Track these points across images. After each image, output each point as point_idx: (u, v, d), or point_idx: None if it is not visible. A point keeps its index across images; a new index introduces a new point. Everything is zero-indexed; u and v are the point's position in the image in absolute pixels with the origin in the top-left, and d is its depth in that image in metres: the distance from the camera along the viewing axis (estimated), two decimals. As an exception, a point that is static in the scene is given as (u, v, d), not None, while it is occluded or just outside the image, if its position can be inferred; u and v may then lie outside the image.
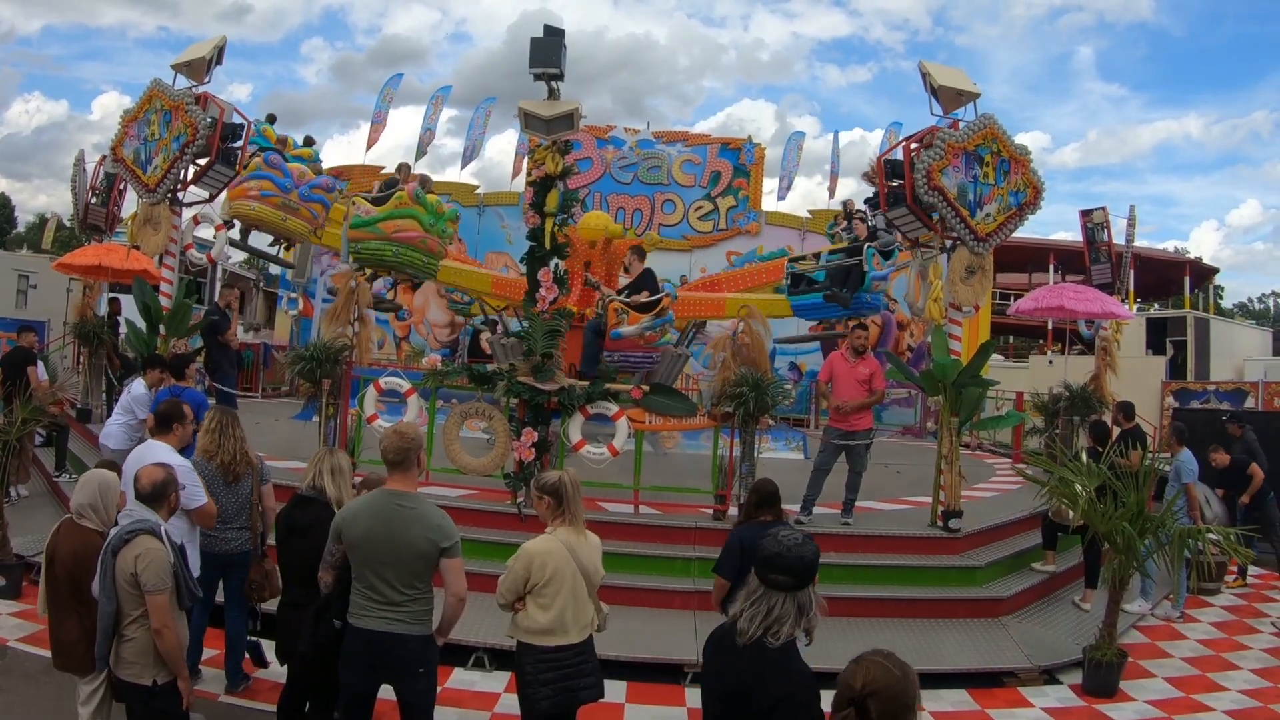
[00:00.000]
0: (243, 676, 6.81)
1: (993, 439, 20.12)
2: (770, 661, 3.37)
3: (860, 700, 2.77)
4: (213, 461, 6.46)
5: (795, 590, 3.42)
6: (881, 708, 2.75)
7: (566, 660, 5.01)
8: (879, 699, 2.76)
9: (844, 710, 2.82)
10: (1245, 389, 21.43)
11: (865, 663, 2.89)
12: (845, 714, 2.81)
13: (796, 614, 3.41)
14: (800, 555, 3.47)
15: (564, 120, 9.49)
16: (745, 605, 3.46)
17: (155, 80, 11.55)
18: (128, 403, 9.44)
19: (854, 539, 9.42)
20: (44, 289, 24.63)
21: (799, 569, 3.45)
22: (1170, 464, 10.67)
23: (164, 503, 4.95)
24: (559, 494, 5.19)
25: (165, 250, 11.47)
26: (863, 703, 2.77)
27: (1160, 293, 40.49)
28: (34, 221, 59.76)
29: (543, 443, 9.26)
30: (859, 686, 2.81)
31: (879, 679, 2.81)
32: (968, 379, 9.76)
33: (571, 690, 5.02)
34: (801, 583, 3.45)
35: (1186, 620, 10.15)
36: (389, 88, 27.21)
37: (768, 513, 6.19)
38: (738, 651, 3.42)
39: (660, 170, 26.02)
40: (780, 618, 3.38)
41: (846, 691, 2.84)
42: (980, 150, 10.21)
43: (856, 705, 2.78)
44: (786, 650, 3.40)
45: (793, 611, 3.40)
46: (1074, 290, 14.73)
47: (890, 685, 2.80)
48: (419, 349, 24.92)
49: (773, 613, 3.38)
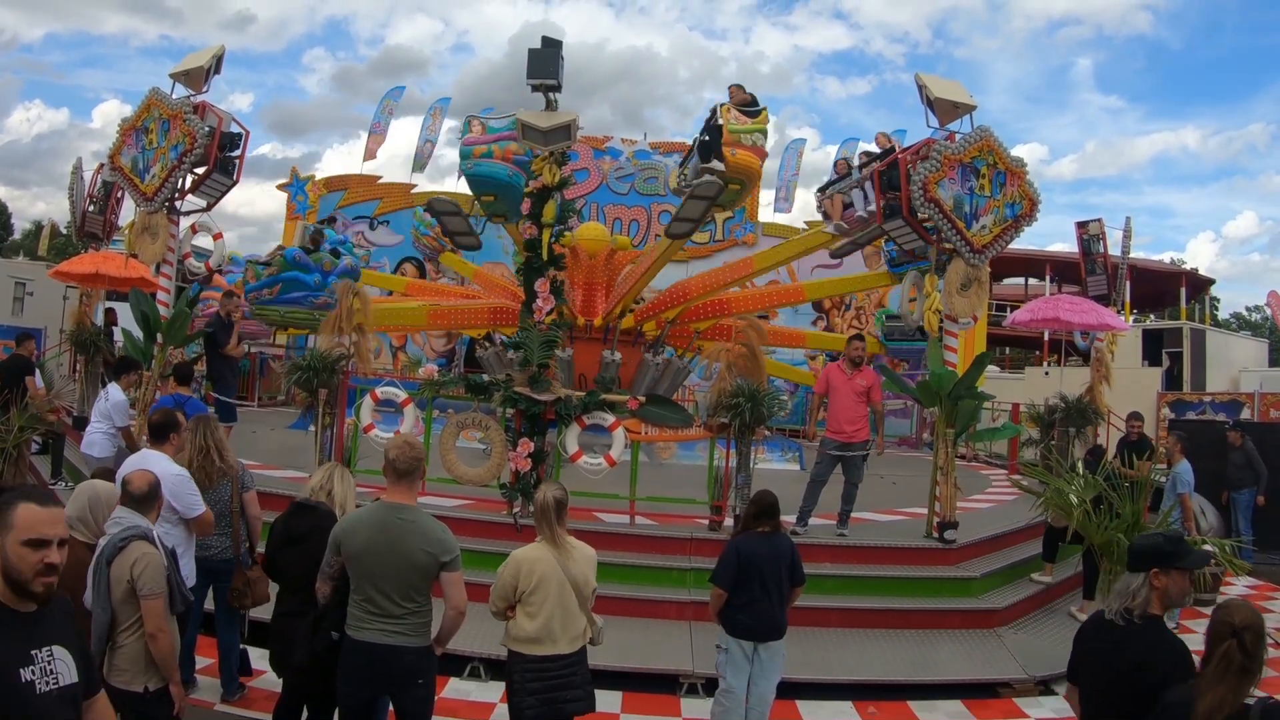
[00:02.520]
0: (238, 685, 6.79)
1: (989, 450, 20.13)
2: (1152, 637, 4.05)
3: (1239, 633, 3.41)
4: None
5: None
6: (1253, 639, 3.41)
7: (554, 671, 5.03)
8: (1250, 631, 3.42)
9: (1225, 641, 3.43)
10: (1241, 400, 21.44)
11: (1235, 604, 3.60)
12: (1227, 644, 3.42)
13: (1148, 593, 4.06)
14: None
15: (561, 131, 9.52)
16: (1124, 592, 4.13)
17: (153, 89, 11.57)
18: (106, 409, 9.45)
19: (850, 550, 9.44)
20: (40, 296, 24.61)
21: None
22: (1166, 475, 10.70)
23: (154, 505, 4.98)
24: (538, 512, 5.29)
25: (163, 259, 11.48)
26: (1240, 635, 3.40)
27: (1156, 304, 40.53)
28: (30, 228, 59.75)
29: (539, 453, 9.27)
30: (1237, 622, 3.45)
31: (1250, 617, 3.49)
32: (963, 391, 9.78)
33: (558, 702, 5.05)
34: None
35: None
36: (389, 99, 27.26)
37: (766, 524, 6.21)
38: (1122, 632, 4.09)
39: (657, 181, 26.04)
40: (1146, 599, 4.06)
41: (1225, 628, 3.46)
42: (976, 162, 10.24)
43: (1236, 637, 3.40)
44: (1159, 626, 4.10)
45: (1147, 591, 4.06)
46: (1070, 302, 14.74)
47: (1257, 623, 3.48)
48: (415, 359, 24.91)
49: (1138, 595, 4.06)
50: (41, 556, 2.97)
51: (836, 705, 7.57)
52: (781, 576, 6.13)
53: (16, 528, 2.96)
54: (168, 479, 5.80)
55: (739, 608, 6.11)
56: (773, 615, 6.10)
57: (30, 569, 2.95)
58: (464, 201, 25.33)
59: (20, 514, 2.98)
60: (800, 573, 6.29)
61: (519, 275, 10.48)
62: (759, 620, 6.09)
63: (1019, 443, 16.31)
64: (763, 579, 6.04)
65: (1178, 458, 10.71)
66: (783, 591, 6.15)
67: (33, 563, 2.95)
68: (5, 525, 2.96)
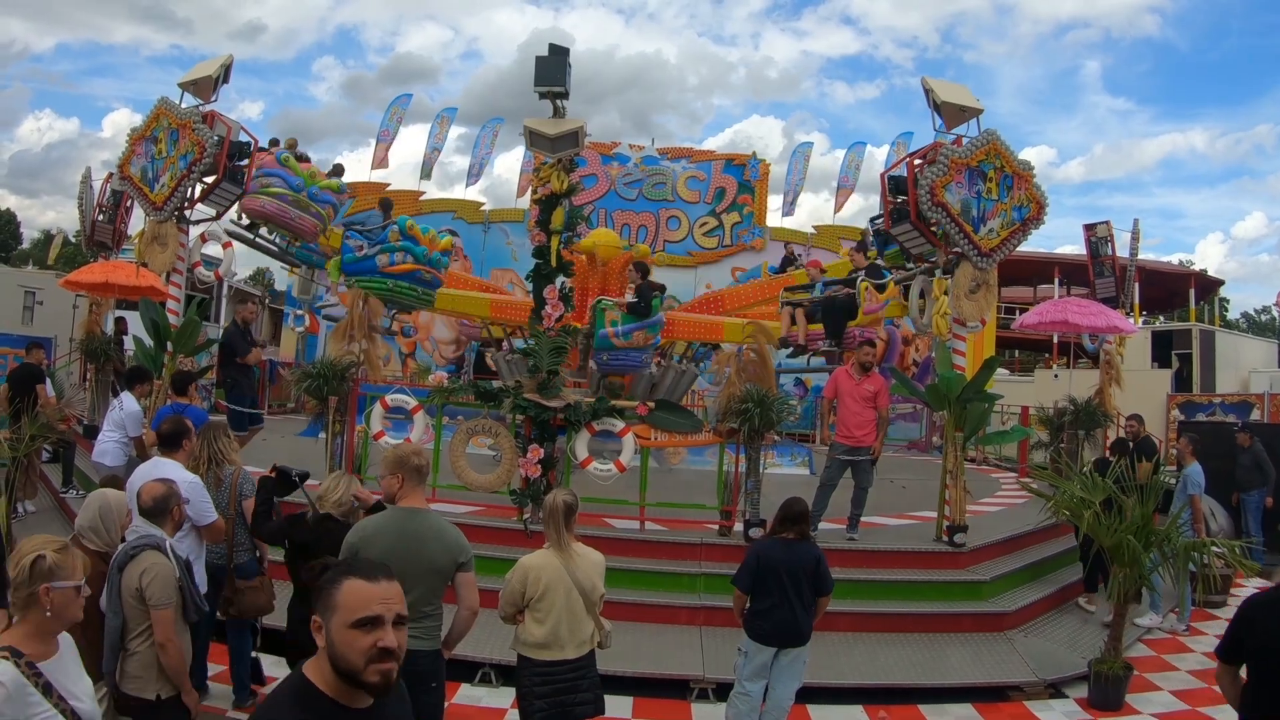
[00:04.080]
0: (249, 692, 6.81)
1: (998, 453, 20.10)
2: None
3: None
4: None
5: None
6: None
7: (561, 675, 5.07)
8: None
9: None
10: (1251, 401, 21.38)
11: None
12: None
13: None
14: None
15: (569, 138, 9.55)
16: None
17: (162, 99, 11.60)
18: (119, 418, 9.48)
19: (859, 554, 9.44)
20: (50, 305, 24.64)
21: None
22: (1177, 477, 10.68)
23: (167, 517, 5.00)
24: (547, 514, 5.33)
25: (173, 268, 11.52)
26: None
27: (1165, 306, 40.43)
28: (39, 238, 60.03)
29: (549, 459, 9.29)
30: None
31: None
32: (972, 394, 9.78)
33: (566, 705, 5.08)
34: None
35: (1192, 633, 10.14)
36: (397, 106, 27.33)
37: (792, 530, 6.26)
38: None
39: (665, 186, 26.07)
40: None
41: None
42: (983, 166, 10.23)
43: None
44: None
45: None
46: (1078, 304, 14.74)
47: None
48: (425, 366, 24.95)
49: None
50: (375, 639, 2.51)
51: (847, 710, 7.58)
52: (803, 584, 6.15)
53: (343, 608, 2.52)
54: (181, 486, 5.86)
55: (759, 612, 6.15)
56: (793, 621, 6.13)
57: (362, 656, 2.50)
58: (468, 210, 25.43)
59: (345, 592, 2.54)
60: (827, 582, 6.31)
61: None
62: (777, 626, 6.12)
63: (1028, 446, 16.29)
64: (782, 585, 6.07)
65: (1188, 459, 10.68)
66: (805, 599, 6.17)
67: (364, 648, 2.50)
68: (330, 607, 2.53)
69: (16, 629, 3.41)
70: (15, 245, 60.76)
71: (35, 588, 3.39)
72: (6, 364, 16.05)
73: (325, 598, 2.55)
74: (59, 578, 3.45)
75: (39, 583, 3.40)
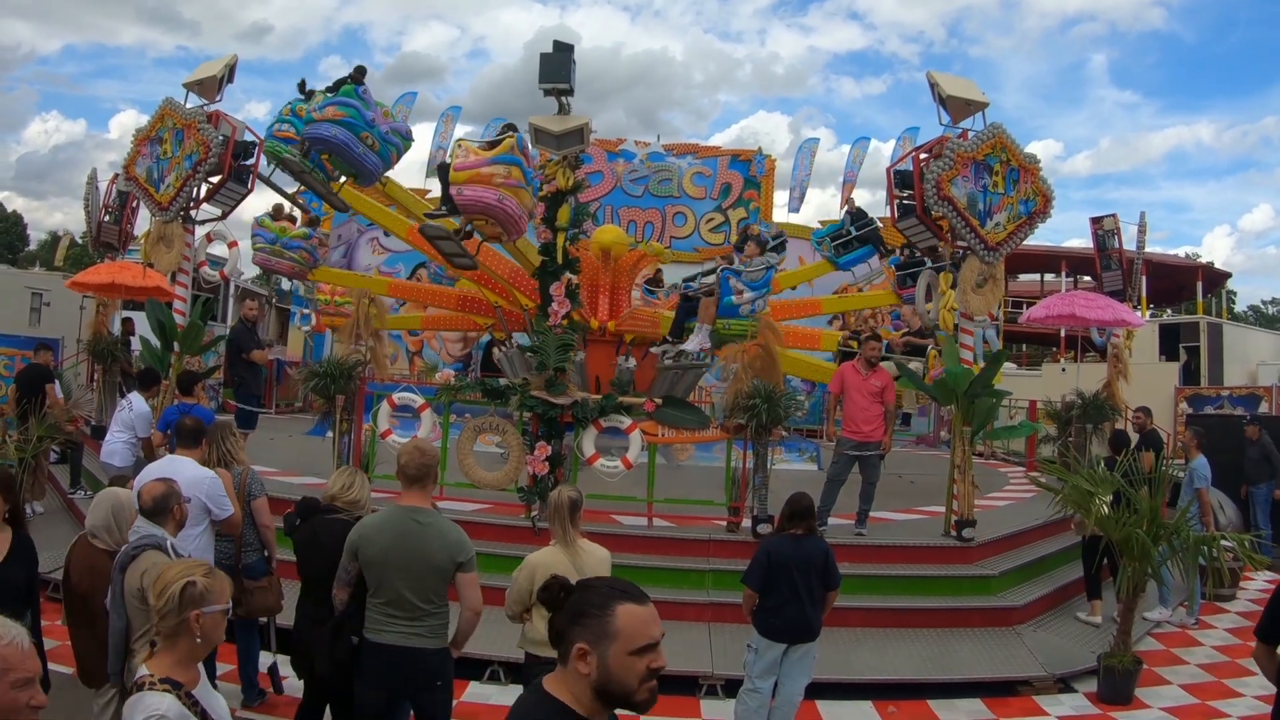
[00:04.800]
0: (258, 691, 6.82)
1: (1006, 448, 20.06)
2: None
3: None
4: None
5: None
6: None
7: None
8: None
9: None
10: (1259, 394, 21.29)
11: None
12: None
13: None
14: None
15: (574, 135, 9.53)
16: None
17: (167, 99, 11.60)
18: (129, 419, 9.49)
19: (868, 549, 9.43)
20: (57, 306, 24.65)
21: None
22: (1184, 470, 10.66)
23: (167, 517, 4.99)
24: (552, 510, 5.34)
25: (179, 268, 11.53)
26: None
27: (1173, 298, 40.35)
28: (46, 239, 60.17)
29: (556, 456, 9.29)
30: None
31: None
32: (980, 389, 9.76)
33: None
34: None
35: (1201, 627, 10.11)
36: (401, 104, 27.30)
37: (799, 526, 6.25)
38: None
39: (671, 183, 25.99)
40: None
41: None
42: (989, 159, 10.21)
43: None
44: None
45: None
46: (1085, 298, 14.70)
47: None
48: (432, 364, 24.93)
49: None
50: (649, 661, 2.50)
51: (856, 705, 7.56)
52: (813, 579, 6.15)
53: (623, 636, 2.47)
54: (200, 482, 5.93)
55: (769, 609, 6.14)
56: (803, 617, 6.13)
57: (638, 679, 2.50)
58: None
59: (623, 619, 2.48)
60: (835, 576, 6.31)
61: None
62: (788, 622, 6.12)
63: (1036, 440, 16.25)
64: (793, 581, 6.07)
65: (1194, 453, 10.66)
66: (814, 594, 6.16)
67: (641, 671, 2.49)
68: (607, 635, 2.47)
69: (165, 656, 3.29)
70: (22, 247, 60.99)
71: (186, 614, 3.26)
72: (14, 365, 16.06)
73: (597, 625, 2.48)
74: (209, 603, 3.32)
75: (189, 609, 3.26)
